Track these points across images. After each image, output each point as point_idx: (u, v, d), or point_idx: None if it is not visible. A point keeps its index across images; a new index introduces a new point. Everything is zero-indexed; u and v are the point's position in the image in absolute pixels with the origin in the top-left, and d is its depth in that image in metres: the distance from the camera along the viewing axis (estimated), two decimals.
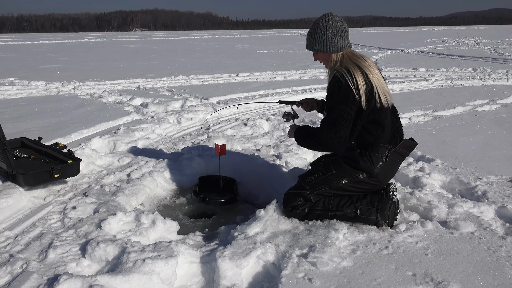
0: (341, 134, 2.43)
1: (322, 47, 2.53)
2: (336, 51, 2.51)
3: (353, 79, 2.40)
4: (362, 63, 2.50)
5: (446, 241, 2.39)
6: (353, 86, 2.39)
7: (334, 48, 2.51)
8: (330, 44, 2.50)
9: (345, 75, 2.42)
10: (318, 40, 2.53)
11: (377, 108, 2.48)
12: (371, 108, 2.47)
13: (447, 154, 4.04)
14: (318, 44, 2.54)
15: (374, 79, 2.47)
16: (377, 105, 2.47)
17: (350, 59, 2.52)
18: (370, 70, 2.48)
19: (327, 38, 2.50)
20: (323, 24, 2.51)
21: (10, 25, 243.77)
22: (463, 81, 9.30)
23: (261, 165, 3.79)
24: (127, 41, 40.17)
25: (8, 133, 4.66)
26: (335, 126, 2.43)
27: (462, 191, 3.18)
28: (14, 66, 14.57)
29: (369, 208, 2.56)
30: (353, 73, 2.42)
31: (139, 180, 3.51)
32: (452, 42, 27.10)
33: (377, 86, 2.46)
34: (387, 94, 2.52)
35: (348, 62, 2.49)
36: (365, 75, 2.45)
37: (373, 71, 2.49)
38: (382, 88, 2.49)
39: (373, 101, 2.45)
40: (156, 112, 6.41)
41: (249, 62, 15.19)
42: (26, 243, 2.53)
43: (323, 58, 2.60)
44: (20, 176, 3.18)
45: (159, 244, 2.35)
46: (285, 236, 2.46)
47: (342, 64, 2.50)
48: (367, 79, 2.44)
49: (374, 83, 2.46)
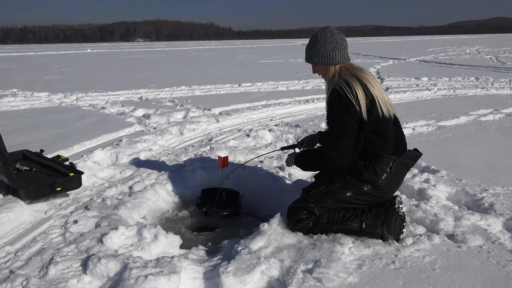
0: (346, 147, 2.41)
1: (320, 59, 2.53)
2: (334, 63, 2.51)
3: (352, 91, 2.39)
4: (361, 74, 2.49)
5: (454, 255, 2.34)
6: (352, 97, 2.38)
7: (332, 60, 2.50)
8: (328, 57, 2.50)
9: (344, 87, 2.40)
10: (316, 53, 2.53)
11: (379, 119, 2.46)
12: (373, 119, 2.45)
13: (452, 164, 4.00)
14: (316, 57, 2.54)
15: (374, 90, 2.45)
16: (379, 115, 2.45)
17: (349, 71, 2.51)
18: (369, 81, 2.47)
19: (325, 51, 2.50)
20: (321, 36, 2.52)
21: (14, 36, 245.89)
22: (466, 90, 9.28)
23: (264, 177, 3.75)
24: (129, 51, 40.43)
25: (10, 145, 4.66)
26: (338, 139, 2.41)
27: (469, 203, 3.13)
28: (17, 77, 14.65)
29: (374, 221, 2.52)
30: (352, 84, 2.41)
31: (141, 192, 3.48)
32: (454, 51, 27.13)
33: (378, 97, 2.45)
34: (388, 105, 2.51)
35: (347, 74, 2.49)
36: (365, 86, 2.44)
37: (373, 82, 2.48)
38: (382, 99, 2.48)
39: (375, 112, 2.44)
40: (159, 123, 6.40)
41: (251, 72, 15.23)
42: (26, 259, 2.50)
43: (321, 70, 2.60)
44: (21, 189, 3.15)
45: (162, 260, 2.31)
46: (290, 250, 2.42)
47: (341, 76, 2.50)
48: (366, 90, 2.43)
49: (374, 94, 2.44)
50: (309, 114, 7.12)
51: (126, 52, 37.94)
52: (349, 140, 2.41)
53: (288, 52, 31.62)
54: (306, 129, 5.60)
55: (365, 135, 2.48)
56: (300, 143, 3.11)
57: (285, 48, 42.37)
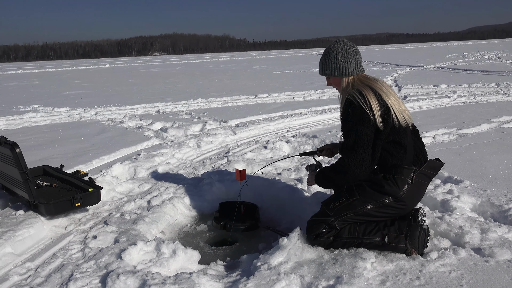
0: (363, 157, 2.38)
1: (333, 71, 2.54)
2: (347, 75, 2.52)
3: (366, 100, 2.38)
4: (375, 84, 2.48)
5: (481, 270, 2.25)
6: (366, 107, 2.37)
7: (345, 71, 2.51)
8: (341, 68, 2.52)
9: (357, 97, 2.40)
10: (329, 65, 2.56)
11: (396, 128, 2.43)
12: (390, 128, 2.42)
13: (476, 174, 3.89)
14: (329, 69, 2.56)
15: (388, 99, 2.43)
16: (396, 124, 2.42)
17: (362, 82, 2.52)
18: (383, 90, 2.45)
19: (337, 62, 2.52)
20: (334, 49, 2.55)
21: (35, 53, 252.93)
22: (487, 97, 9.08)
23: (282, 189, 3.71)
24: (146, 65, 41.07)
25: (31, 160, 4.74)
26: (355, 150, 2.38)
27: (495, 214, 3.03)
28: (38, 93, 15.00)
29: (397, 235, 2.45)
30: (365, 94, 2.39)
31: (160, 207, 3.48)
32: (472, 57, 26.71)
33: (393, 106, 2.43)
34: (404, 114, 2.47)
35: (360, 85, 2.49)
36: (378, 96, 2.42)
37: (387, 92, 2.46)
38: (398, 108, 2.45)
39: (390, 121, 2.41)
40: (176, 136, 6.43)
41: (267, 83, 15.26)
42: (46, 275, 2.51)
43: (335, 82, 2.61)
44: (41, 205, 3.18)
45: (180, 276, 2.29)
46: (310, 266, 2.37)
47: (354, 87, 2.50)
48: (380, 99, 2.41)
49: (388, 102, 2.42)
50: (326, 124, 7.06)
51: (143, 66, 38.55)
52: (366, 149, 2.38)
53: (303, 62, 31.64)
54: (324, 140, 5.55)
55: (382, 145, 2.43)
56: (319, 150, 3.08)
57: (301, 58, 42.42)
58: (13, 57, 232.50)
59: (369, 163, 2.41)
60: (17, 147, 3.02)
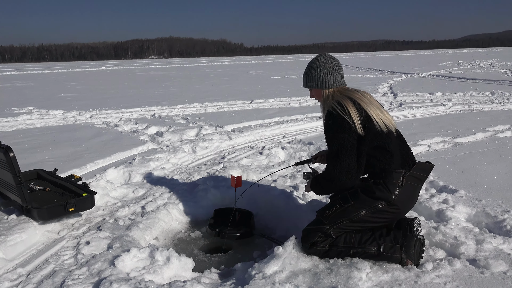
0: (347, 163, 2.42)
1: (314, 83, 2.66)
2: (327, 87, 2.63)
3: (345, 109, 2.46)
4: (354, 95, 2.57)
5: (476, 281, 2.25)
6: (345, 115, 2.44)
7: (325, 84, 2.63)
8: (321, 81, 2.63)
9: (336, 108, 2.49)
10: (310, 77, 2.69)
11: (379, 133, 2.47)
12: (373, 134, 2.46)
13: (471, 184, 3.90)
14: (310, 81, 2.69)
15: (367, 107, 2.50)
16: (378, 130, 2.47)
17: (341, 93, 2.61)
18: (362, 100, 2.53)
19: (318, 75, 2.64)
20: (315, 62, 2.67)
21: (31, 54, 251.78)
22: (482, 106, 9.14)
23: (277, 196, 3.70)
24: (143, 68, 41.02)
25: (25, 163, 4.70)
26: (339, 157, 2.44)
27: (490, 225, 3.03)
28: (33, 95, 14.92)
29: (393, 245, 2.44)
30: (344, 104, 2.48)
31: (154, 213, 3.45)
32: (467, 65, 26.89)
33: (373, 113, 2.49)
34: (385, 120, 2.52)
35: (339, 96, 2.58)
36: (357, 104, 2.49)
37: (366, 100, 2.53)
38: (379, 114, 2.51)
39: (372, 127, 2.46)
40: (171, 140, 6.40)
41: (263, 88, 15.27)
42: (38, 281, 2.47)
43: (316, 94, 2.73)
44: (34, 210, 3.15)
45: (174, 284, 2.27)
46: (305, 275, 2.35)
47: (334, 98, 2.59)
48: (359, 107, 2.48)
49: (368, 110, 2.48)
50: (322, 131, 7.04)
51: (140, 69, 38.50)
52: (350, 156, 2.43)
53: (299, 68, 31.72)
54: (320, 147, 5.54)
55: (366, 151, 2.47)
56: (314, 157, 3.09)
57: (297, 63, 42.54)
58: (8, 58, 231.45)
59: (355, 170, 2.44)
60: (10, 151, 2.99)
